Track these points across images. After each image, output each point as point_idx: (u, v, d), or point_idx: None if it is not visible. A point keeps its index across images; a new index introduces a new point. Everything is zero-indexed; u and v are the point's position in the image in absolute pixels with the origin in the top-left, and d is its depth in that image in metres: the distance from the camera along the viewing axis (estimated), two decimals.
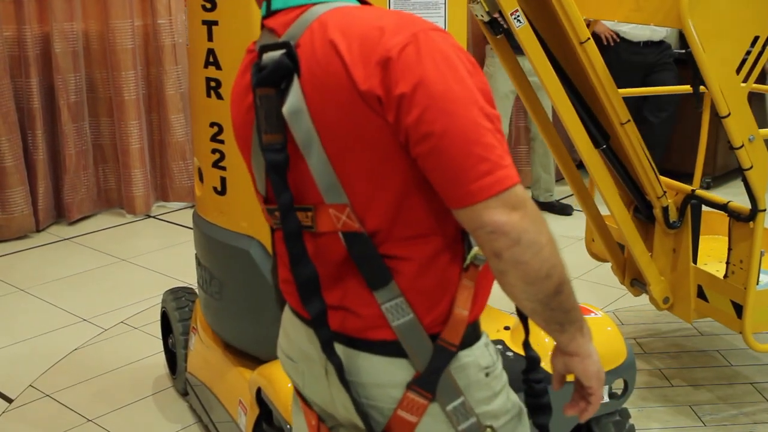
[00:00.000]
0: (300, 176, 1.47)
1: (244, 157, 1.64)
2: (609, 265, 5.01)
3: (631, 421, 2.79)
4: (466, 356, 1.51)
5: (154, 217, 6.14)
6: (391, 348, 1.48)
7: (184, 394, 3.48)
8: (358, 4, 1.49)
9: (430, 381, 1.48)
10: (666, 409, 3.42)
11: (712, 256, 3.68)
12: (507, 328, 2.75)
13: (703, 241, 3.59)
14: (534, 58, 2.88)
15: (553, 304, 1.43)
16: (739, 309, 3.10)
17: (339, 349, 1.52)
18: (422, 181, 1.41)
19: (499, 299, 3.69)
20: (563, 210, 6.16)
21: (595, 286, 4.70)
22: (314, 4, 1.47)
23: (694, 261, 3.33)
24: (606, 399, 2.64)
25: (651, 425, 3.30)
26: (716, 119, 2.98)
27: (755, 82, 2.95)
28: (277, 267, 1.65)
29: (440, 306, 1.48)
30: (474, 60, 1.43)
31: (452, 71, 1.36)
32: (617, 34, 6.11)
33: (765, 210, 3.02)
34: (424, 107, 1.34)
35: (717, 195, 3.35)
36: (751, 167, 2.93)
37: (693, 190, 3.32)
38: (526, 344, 1.60)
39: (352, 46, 1.38)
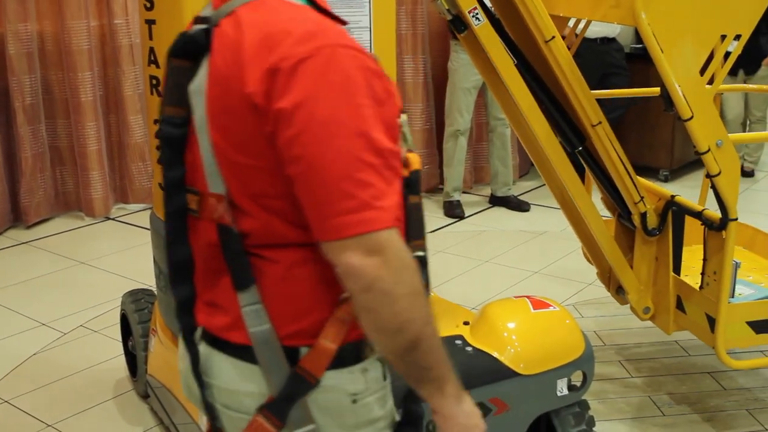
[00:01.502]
0: (195, 157, 1.43)
1: None
2: (569, 258, 5.07)
3: (590, 412, 2.81)
4: (332, 378, 1.42)
5: (113, 219, 6.08)
6: (247, 353, 1.42)
7: (145, 396, 3.45)
8: (293, 0, 1.40)
9: (281, 409, 1.41)
10: (626, 400, 3.46)
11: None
12: (466, 323, 2.76)
13: (697, 251, 3.42)
14: (495, 57, 2.83)
15: (407, 359, 1.35)
16: (713, 323, 2.97)
17: (202, 346, 1.49)
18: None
19: (460, 295, 3.71)
20: (520, 206, 6.20)
21: (556, 280, 4.74)
22: None
23: (678, 270, 3.22)
24: (565, 391, 2.66)
25: (611, 416, 3.33)
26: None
27: None
28: None
29: (304, 321, 1.40)
30: (391, 88, 1.36)
31: (347, 96, 1.28)
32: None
33: (736, 219, 2.86)
34: (301, 129, 1.27)
35: (671, 187, 3.32)
36: (720, 173, 2.77)
37: (672, 196, 3.18)
38: (409, 396, 1.50)
39: (255, 43, 1.32)
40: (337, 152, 1.26)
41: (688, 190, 6.20)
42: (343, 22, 1.47)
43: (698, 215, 3.02)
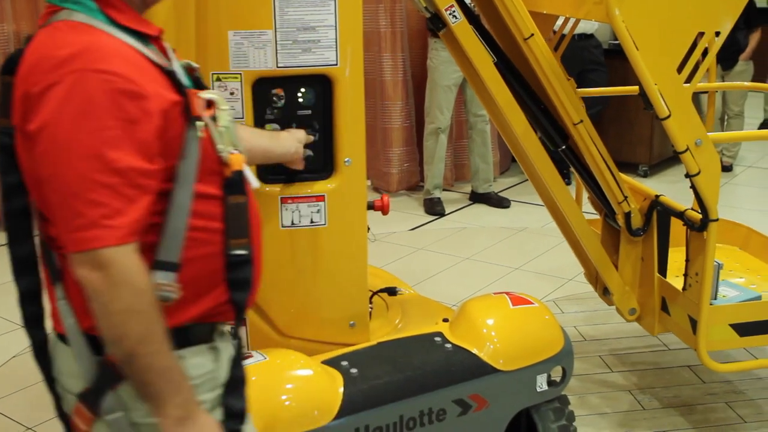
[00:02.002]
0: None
1: None
2: (549, 254, 5.10)
3: (570, 407, 2.82)
4: None
5: None
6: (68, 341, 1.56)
7: None
8: (87, 22, 1.46)
9: (93, 399, 1.52)
10: (605, 395, 3.47)
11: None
12: (446, 320, 2.77)
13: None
14: (473, 54, 2.81)
15: (128, 371, 1.46)
16: (695, 325, 2.91)
17: (51, 333, 1.63)
18: None
19: (441, 292, 3.69)
20: (500, 203, 6.21)
21: (537, 276, 4.75)
22: (63, 8, 1.49)
23: (664, 271, 3.15)
24: (545, 387, 2.67)
25: (591, 411, 3.35)
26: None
27: None
28: None
29: None
30: (149, 108, 1.43)
31: (86, 120, 1.37)
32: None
33: (717, 219, 2.79)
34: (43, 150, 1.39)
35: (650, 183, 3.27)
36: (699, 172, 2.70)
37: (657, 196, 3.10)
38: (228, 390, 1.64)
39: (26, 67, 1.45)
40: (72, 173, 1.37)
41: (667, 186, 6.24)
42: (148, 35, 1.55)
43: (680, 215, 2.96)
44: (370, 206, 2.63)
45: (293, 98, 2.47)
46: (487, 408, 2.58)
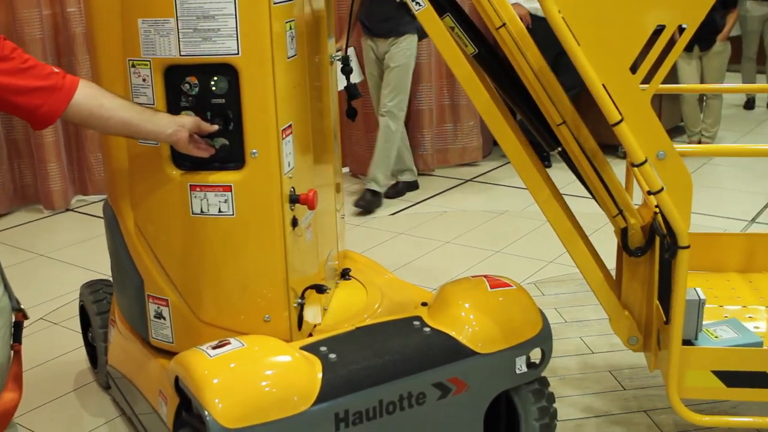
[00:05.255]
0: None
1: None
2: (530, 236, 5.10)
3: (550, 389, 2.83)
4: None
5: (73, 210, 6.03)
6: None
7: (106, 387, 3.43)
8: None
9: None
10: (586, 376, 3.49)
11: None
12: (424, 304, 2.77)
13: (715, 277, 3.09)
14: (439, 43, 2.64)
15: None
16: None
17: None
18: None
19: (421, 277, 3.68)
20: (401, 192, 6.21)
21: (518, 259, 4.76)
22: None
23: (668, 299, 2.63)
24: (524, 369, 2.68)
25: (571, 392, 3.36)
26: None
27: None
28: None
29: None
30: None
31: None
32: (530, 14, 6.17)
33: (688, 246, 2.36)
34: None
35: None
36: (662, 189, 2.29)
37: (656, 213, 2.56)
38: None
39: None
40: None
41: None
42: None
43: (663, 237, 2.50)
44: (296, 200, 2.61)
45: (207, 87, 2.47)
46: (467, 391, 2.59)
